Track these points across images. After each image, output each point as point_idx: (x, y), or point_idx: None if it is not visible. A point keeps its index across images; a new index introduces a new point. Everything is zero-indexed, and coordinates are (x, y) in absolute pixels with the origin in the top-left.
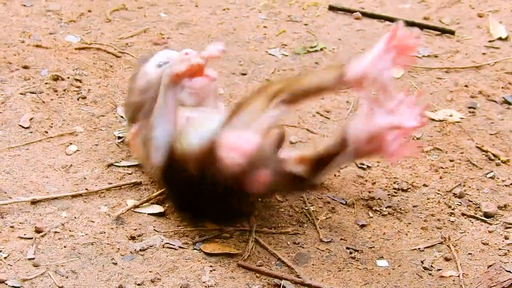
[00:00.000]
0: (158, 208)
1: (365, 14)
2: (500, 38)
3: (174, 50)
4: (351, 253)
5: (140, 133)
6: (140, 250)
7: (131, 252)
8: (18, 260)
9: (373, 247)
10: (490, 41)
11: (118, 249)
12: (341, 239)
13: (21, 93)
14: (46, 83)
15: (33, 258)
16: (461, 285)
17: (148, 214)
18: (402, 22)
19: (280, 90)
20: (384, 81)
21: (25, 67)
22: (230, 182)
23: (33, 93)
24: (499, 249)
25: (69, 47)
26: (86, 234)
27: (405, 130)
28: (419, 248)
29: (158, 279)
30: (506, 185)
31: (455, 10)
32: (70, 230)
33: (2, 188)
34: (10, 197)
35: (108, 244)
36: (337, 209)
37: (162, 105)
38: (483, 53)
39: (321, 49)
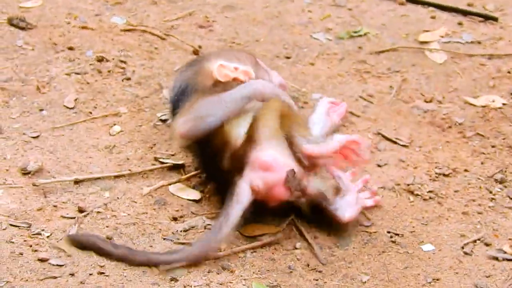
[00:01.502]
0: (194, 195)
1: (409, 0)
2: None
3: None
4: (391, 237)
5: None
6: (182, 230)
7: (173, 233)
8: (61, 239)
9: (414, 231)
10: None
11: (160, 229)
12: (382, 223)
13: (66, 74)
14: (90, 64)
15: None
16: (502, 270)
17: (180, 197)
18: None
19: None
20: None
21: (70, 48)
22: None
23: (77, 74)
24: None
25: (114, 28)
26: (128, 215)
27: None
28: (459, 233)
29: None
30: None
31: None
32: (112, 210)
33: (45, 168)
34: (53, 177)
35: (150, 224)
36: (378, 193)
37: (230, 103)
38: None
39: (365, 34)
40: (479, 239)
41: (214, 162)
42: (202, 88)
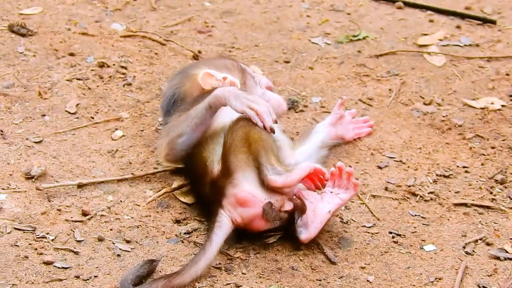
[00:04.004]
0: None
1: (407, 4)
2: None
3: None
4: (393, 237)
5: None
6: (185, 233)
7: (176, 235)
8: (65, 242)
9: (416, 231)
10: None
11: (164, 232)
12: (384, 224)
13: (67, 80)
14: (92, 70)
15: (80, 241)
16: (503, 269)
17: (182, 201)
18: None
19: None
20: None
21: (71, 54)
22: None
23: (79, 79)
24: None
25: (114, 34)
26: (131, 218)
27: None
28: (461, 233)
29: None
30: None
31: (497, 0)
32: (116, 213)
33: (49, 172)
34: (57, 181)
35: (153, 227)
36: (379, 194)
37: (196, 117)
38: None
39: (364, 38)
40: (480, 239)
41: (197, 185)
42: (189, 97)
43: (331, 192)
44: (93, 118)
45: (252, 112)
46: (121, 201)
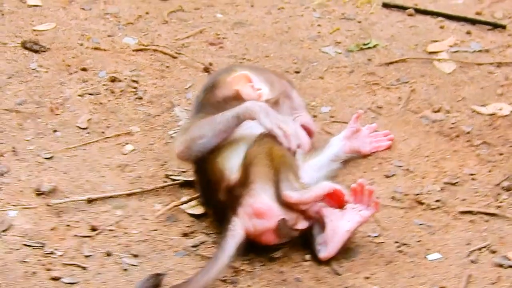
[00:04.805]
0: (200, 209)
1: (418, 11)
2: None
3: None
4: (398, 246)
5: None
6: (192, 246)
7: (183, 249)
8: (73, 258)
9: (421, 240)
10: None
11: (171, 245)
12: (389, 233)
13: (79, 95)
14: (104, 85)
15: (88, 256)
16: (507, 277)
17: (190, 214)
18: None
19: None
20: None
21: (84, 69)
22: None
23: (91, 94)
24: None
25: (126, 49)
26: (140, 232)
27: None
28: (466, 241)
29: None
30: None
31: (508, 4)
32: (124, 228)
33: (59, 188)
34: (66, 197)
35: (161, 241)
36: (386, 204)
37: (221, 123)
38: None
39: (374, 46)
40: (485, 247)
41: (211, 191)
42: (220, 96)
43: (353, 208)
44: (103, 133)
45: (280, 131)
46: (129, 216)
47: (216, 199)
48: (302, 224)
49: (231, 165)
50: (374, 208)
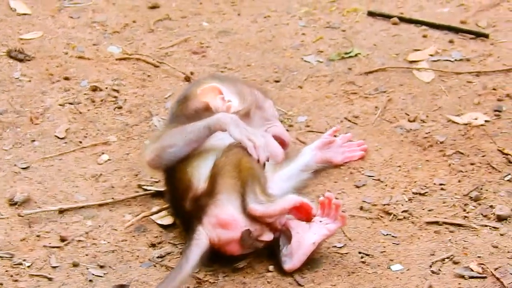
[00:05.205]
0: (169, 220)
1: (402, 19)
2: None
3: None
4: (362, 257)
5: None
6: (158, 257)
7: (149, 259)
8: (40, 269)
9: (385, 251)
10: None
11: (138, 256)
12: (354, 243)
13: (60, 104)
14: (85, 94)
15: (55, 267)
16: None
17: (160, 224)
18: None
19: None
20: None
21: (66, 79)
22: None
23: (71, 104)
24: (508, 252)
25: (110, 57)
26: (108, 242)
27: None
28: (430, 252)
29: None
30: None
31: (493, 13)
32: (93, 238)
33: (32, 198)
34: (39, 207)
35: (128, 251)
36: (353, 214)
37: (192, 132)
38: None
39: (356, 55)
40: (448, 258)
41: (178, 200)
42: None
43: (320, 221)
44: (81, 142)
45: (250, 143)
46: (99, 226)
47: (183, 208)
48: (267, 236)
49: (199, 174)
50: (341, 222)
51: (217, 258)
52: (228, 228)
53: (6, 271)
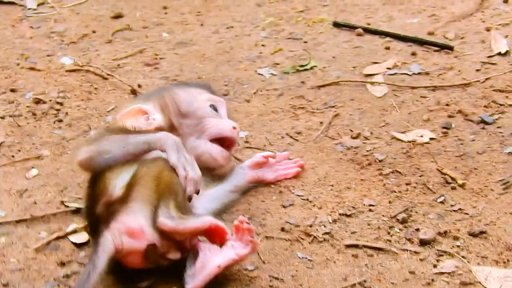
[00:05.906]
0: (83, 237)
1: (367, 30)
2: (499, 53)
3: None
4: (271, 281)
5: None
6: (63, 276)
7: (54, 279)
8: None
9: (296, 275)
10: (489, 57)
11: (44, 275)
12: (267, 266)
13: (0, 117)
14: (27, 107)
15: None
16: None
17: (73, 242)
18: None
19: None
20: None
21: (12, 90)
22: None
23: (11, 116)
24: (424, 278)
25: (61, 69)
26: (17, 260)
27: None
28: (343, 277)
29: None
30: (454, 210)
31: (464, 24)
32: (3, 256)
33: None
34: None
35: (35, 270)
36: (273, 236)
37: (132, 145)
38: (477, 70)
39: (312, 68)
40: (359, 283)
41: (91, 203)
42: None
43: (232, 245)
44: (13, 156)
45: (183, 173)
46: (12, 243)
47: (93, 211)
48: (174, 255)
49: (118, 181)
50: (251, 249)
51: (119, 276)
52: (134, 237)
53: None
